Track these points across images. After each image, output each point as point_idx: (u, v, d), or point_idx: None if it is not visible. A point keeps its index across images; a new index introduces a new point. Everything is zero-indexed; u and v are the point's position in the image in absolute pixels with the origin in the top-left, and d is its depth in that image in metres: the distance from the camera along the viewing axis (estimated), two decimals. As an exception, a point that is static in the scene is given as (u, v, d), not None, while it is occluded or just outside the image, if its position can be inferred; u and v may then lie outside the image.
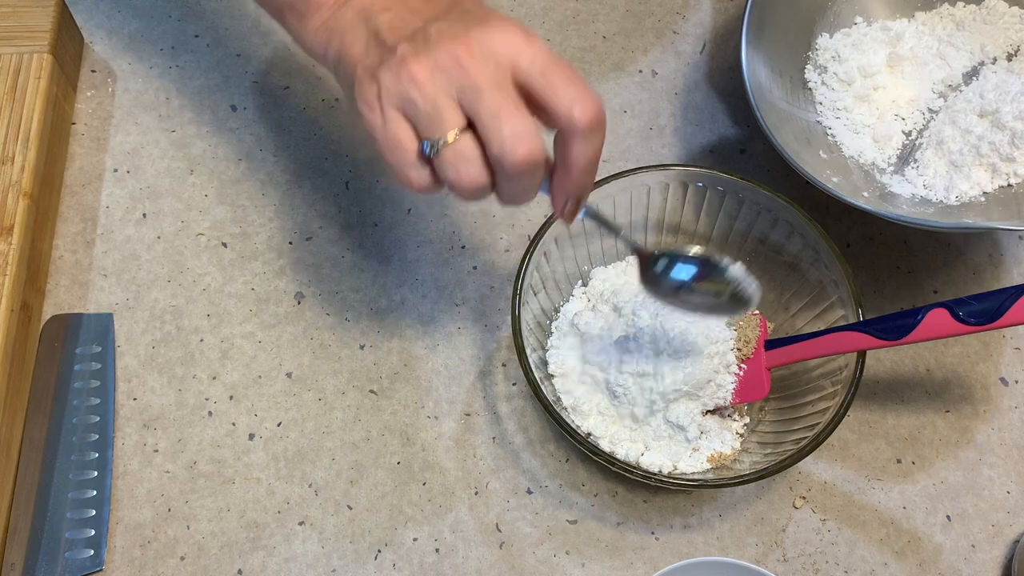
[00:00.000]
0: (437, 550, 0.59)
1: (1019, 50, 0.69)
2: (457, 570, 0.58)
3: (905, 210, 0.62)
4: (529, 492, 0.61)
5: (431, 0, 0.49)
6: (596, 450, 0.55)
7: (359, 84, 0.48)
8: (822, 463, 0.62)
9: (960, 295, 0.52)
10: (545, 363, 0.61)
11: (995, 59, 0.68)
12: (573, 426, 0.57)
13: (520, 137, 0.45)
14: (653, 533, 0.60)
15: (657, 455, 0.58)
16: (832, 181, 0.62)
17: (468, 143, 0.46)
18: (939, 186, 0.64)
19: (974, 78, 0.68)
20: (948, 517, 0.61)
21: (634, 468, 0.55)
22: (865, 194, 0.63)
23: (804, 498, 0.61)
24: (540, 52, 0.46)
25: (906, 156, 0.67)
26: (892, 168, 0.67)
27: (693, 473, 0.58)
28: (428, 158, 0.47)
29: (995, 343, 0.66)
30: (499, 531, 0.59)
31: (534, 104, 0.46)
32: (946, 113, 0.66)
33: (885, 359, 0.65)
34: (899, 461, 0.62)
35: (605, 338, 0.59)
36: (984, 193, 0.63)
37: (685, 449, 0.58)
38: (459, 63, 0.45)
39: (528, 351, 0.57)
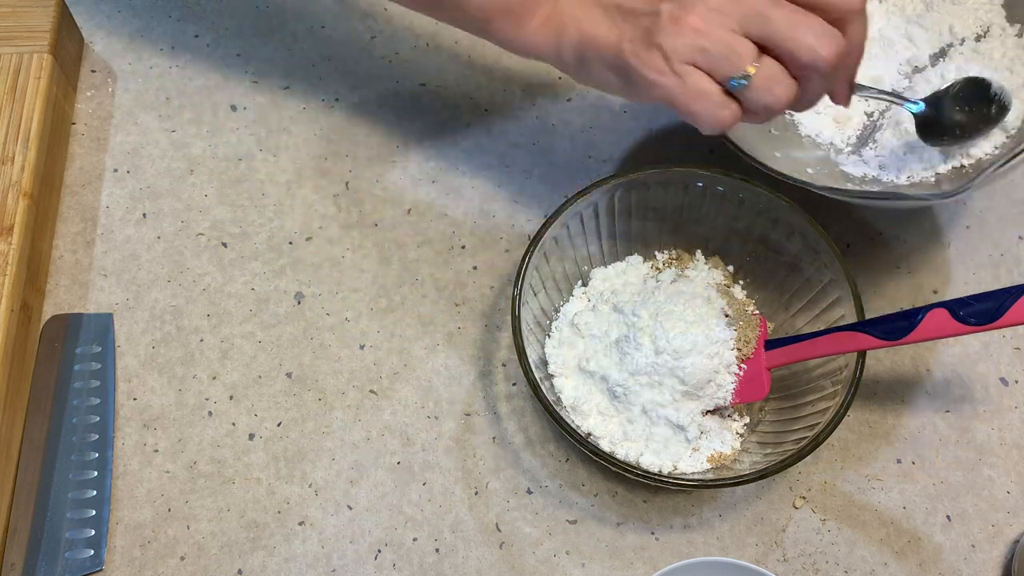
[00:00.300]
0: (437, 550, 0.59)
1: (989, 31, 0.68)
2: (457, 570, 0.58)
3: (849, 187, 0.63)
4: (529, 492, 0.61)
5: None
6: (596, 450, 0.55)
7: (636, 58, 0.50)
8: (822, 463, 0.62)
9: (960, 295, 0.52)
10: (545, 363, 0.61)
11: (963, 40, 0.68)
12: (573, 426, 0.57)
13: (825, 35, 0.48)
14: (653, 533, 0.60)
15: (657, 455, 0.58)
16: (773, 156, 0.62)
17: (774, 65, 0.49)
18: (893, 167, 0.64)
19: (941, 60, 0.68)
20: (948, 517, 0.61)
21: (634, 468, 0.55)
22: (810, 171, 0.63)
23: (804, 498, 0.61)
24: None
25: (865, 137, 0.67)
26: (850, 148, 0.66)
27: (693, 473, 0.58)
28: (733, 94, 0.50)
29: (995, 343, 0.66)
30: (499, 531, 0.59)
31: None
32: (908, 94, 0.65)
33: (885, 359, 0.65)
34: (899, 461, 0.62)
35: (605, 338, 0.59)
36: (937, 174, 0.63)
37: (685, 449, 0.58)
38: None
39: (528, 351, 0.57)
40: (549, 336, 0.62)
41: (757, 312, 0.63)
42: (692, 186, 0.62)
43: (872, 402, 0.64)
